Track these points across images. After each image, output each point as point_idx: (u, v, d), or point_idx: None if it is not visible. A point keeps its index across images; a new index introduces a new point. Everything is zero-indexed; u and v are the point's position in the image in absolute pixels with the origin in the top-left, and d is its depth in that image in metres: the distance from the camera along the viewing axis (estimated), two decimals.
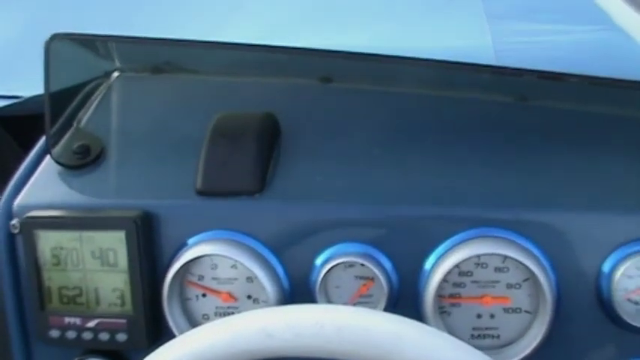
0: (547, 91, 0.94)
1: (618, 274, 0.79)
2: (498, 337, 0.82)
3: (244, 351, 0.58)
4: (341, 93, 0.97)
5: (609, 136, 0.87)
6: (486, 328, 0.81)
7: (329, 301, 0.82)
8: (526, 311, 0.81)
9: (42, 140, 0.94)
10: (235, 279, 0.83)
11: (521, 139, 0.87)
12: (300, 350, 0.58)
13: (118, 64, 1.03)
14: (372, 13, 1.54)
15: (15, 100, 1.19)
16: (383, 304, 0.80)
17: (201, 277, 0.83)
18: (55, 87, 0.91)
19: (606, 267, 0.79)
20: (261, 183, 0.83)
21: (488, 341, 0.81)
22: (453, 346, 0.59)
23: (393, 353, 0.56)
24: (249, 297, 0.83)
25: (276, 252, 0.82)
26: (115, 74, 1.02)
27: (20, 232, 0.85)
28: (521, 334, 0.81)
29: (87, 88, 1.00)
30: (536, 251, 0.79)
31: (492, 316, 0.81)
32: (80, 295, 0.85)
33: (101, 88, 1.00)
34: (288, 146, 0.88)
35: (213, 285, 0.83)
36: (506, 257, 0.79)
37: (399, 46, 0.90)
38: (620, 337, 0.80)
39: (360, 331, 0.58)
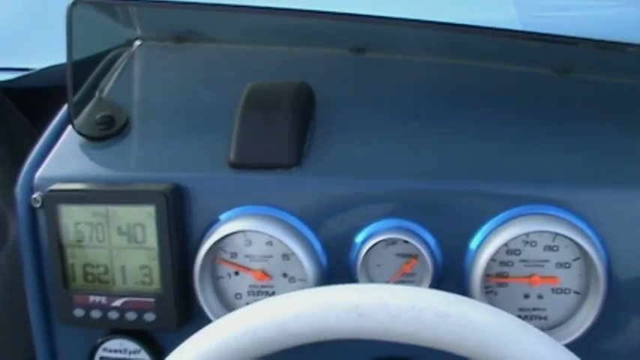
0: (589, 64, 0.90)
1: None
2: (546, 318, 0.78)
3: (333, 328, 0.54)
4: (374, 64, 0.93)
5: None
6: (534, 309, 0.78)
7: (370, 280, 0.79)
8: (575, 292, 0.77)
9: (62, 111, 0.90)
10: (270, 256, 0.79)
11: (568, 114, 0.84)
12: (393, 334, 0.54)
13: (139, 32, 0.98)
14: None
15: (24, 73, 1.14)
16: (427, 282, 0.77)
17: (234, 255, 0.80)
18: (76, 55, 0.87)
19: None
20: (298, 156, 0.79)
21: (535, 322, 0.78)
22: (553, 348, 0.55)
23: (495, 349, 0.53)
24: (284, 275, 0.79)
25: (314, 228, 0.78)
26: (137, 43, 0.98)
27: (42, 206, 0.81)
28: (570, 316, 0.78)
29: (108, 57, 0.95)
30: (587, 229, 0.76)
31: (540, 296, 0.78)
32: (106, 272, 0.81)
33: (123, 57, 0.96)
34: (324, 118, 0.84)
35: (247, 262, 0.80)
36: (556, 235, 0.75)
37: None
38: None
39: (462, 321, 0.54)
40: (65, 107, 0.88)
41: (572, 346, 0.68)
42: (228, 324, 0.58)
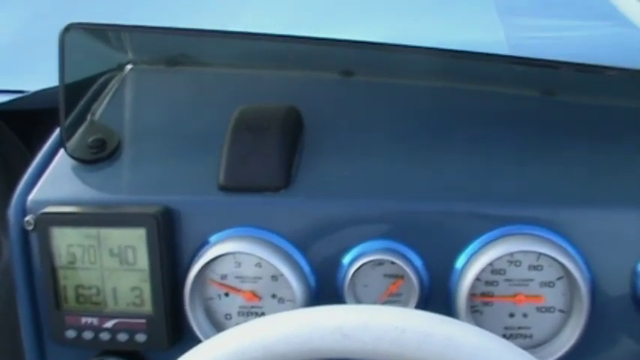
0: (574, 86, 0.92)
1: None
2: (531, 336, 0.79)
3: (318, 349, 0.55)
4: (363, 87, 0.94)
5: None
6: (519, 328, 0.79)
7: (357, 300, 0.80)
8: (560, 310, 0.78)
9: (55, 134, 0.91)
10: (259, 277, 0.80)
11: (553, 134, 0.85)
12: (377, 354, 0.55)
13: (131, 56, 1.00)
14: (381, 9, 1.51)
15: (18, 95, 1.15)
16: (414, 302, 0.78)
17: (224, 276, 0.81)
18: (68, 79, 0.88)
19: None
20: (286, 179, 0.81)
21: (520, 341, 0.79)
22: None
23: None
24: (273, 296, 0.81)
25: (302, 249, 0.79)
26: (129, 67, 0.99)
27: (34, 228, 0.82)
28: (555, 334, 0.79)
29: (100, 81, 0.97)
30: (570, 249, 0.77)
31: (525, 315, 0.79)
32: (97, 294, 0.82)
33: (114, 80, 0.97)
34: (312, 141, 0.86)
35: (237, 284, 0.81)
36: (540, 255, 0.76)
37: (412, 41, 0.87)
38: None
39: (443, 341, 0.55)
40: (58, 130, 0.89)
41: None
42: (217, 345, 0.59)
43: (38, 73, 1.10)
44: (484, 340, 0.56)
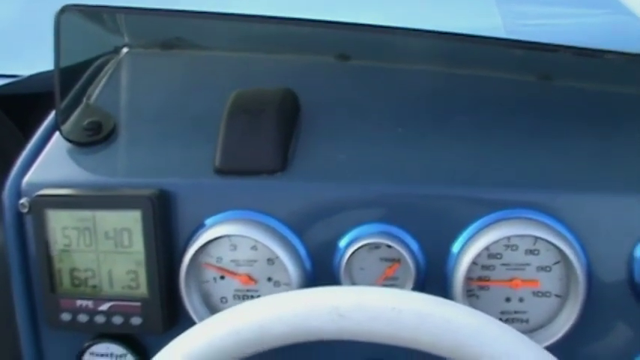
0: (571, 71, 0.91)
1: None
2: (527, 321, 0.79)
3: (314, 329, 0.55)
4: (359, 71, 0.94)
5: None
6: (515, 312, 0.79)
7: (354, 284, 0.79)
8: (556, 295, 0.78)
9: (50, 117, 0.91)
10: (255, 260, 0.80)
11: (550, 119, 0.85)
12: (373, 335, 0.55)
13: (127, 39, 0.99)
14: None
15: (12, 79, 1.15)
16: (410, 286, 0.78)
17: (219, 259, 0.80)
18: (64, 62, 0.87)
19: (638, 251, 0.77)
20: (282, 161, 0.80)
21: (516, 325, 0.79)
22: (530, 347, 0.56)
23: (472, 348, 0.54)
24: (269, 279, 0.80)
25: (298, 233, 0.79)
26: (125, 50, 0.99)
27: (29, 211, 0.82)
28: (551, 319, 0.79)
29: (96, 64, 0.96)
30: (567, 233, 0.77)
31: (521, 299, 0.79)
32: (93, 277, 0.82)
33: (110, 64, 0.97)
34: (308, 124, 0.85)
35: (232, 267, 0.80)
36: (537, 239, 0.76)
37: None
38: None
39: (440, 322, 0.55)
40: (53, 113, 0.89)
41: (553, 349, 0.69)
42: (213, 325, 0.59)
43: (34, 57, 1.09)
44: (480, 321, 0.56)
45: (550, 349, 0.64)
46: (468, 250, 0.76)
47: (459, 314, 0.56)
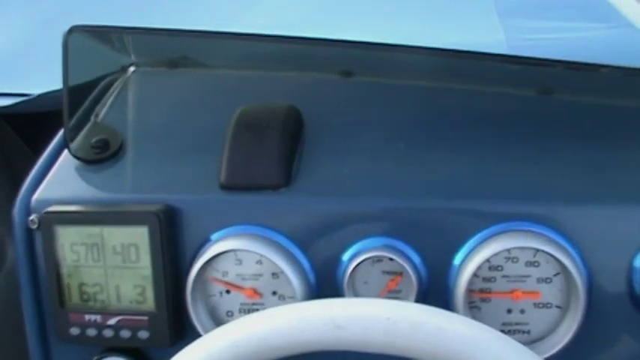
0: (570, 85, 0.92)
1: None
2: (529, 332, 0.80)
3: (311, 340, 0.56)
4: (362, 87, 0.95)
5: (638, 129, 0.86)
6: (516, 324, 0.80)
7: (357, 296, 0.81)
8: (557, 306, 0.79)
9: (59, 135, 0.93)
10: (260, 275, 0.81)
11: (548, 133, 0.86)
12: (369, 345, 0.56)
13: (134, 58, 1.01)
14: (381, 12, 1.52)
15: (22, 98, 1.17)
16: (412, 298, 0.79)
17: (225, 274, 0.82)
18: (72, 81, 0.89)
19: (638, 262, 0.78)
20: (286, 177, 0.82)
21: (518, 337, 0.80)
22: (522, 354, 0.57)
23: (465, 355, 0.55)
24: (274, 293, 0.82)
25: (302, 247, 0.80)
26: (132, 69, 1.00)
27: (39, 227, 0.83)
28: (552, 330, 0.80)
29: (103, 83, 0.98)
30: (567, 245, 0.78)
31: (522, 311, 0.80)
32: (101, 292, 0.83)
33: (118, 82, 0.99)
34: (312, 140, 0.87)
35: (238, 281, 0.82)
36: (537, 251, 0.77)
37: (411, 43, 0.89)
38: None
39: (433, 331, 0.56)
40: (62, 132, 0.90)
41: None
42: (213, 339, 0.61)
43: (43, 77, 1.11)
44: (474, 330, 0.57)
45: (551, 359, 0.65)
46: (469, 263, 0.78)
47: (452, 322, 0.57)
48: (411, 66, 0.96)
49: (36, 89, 1.13)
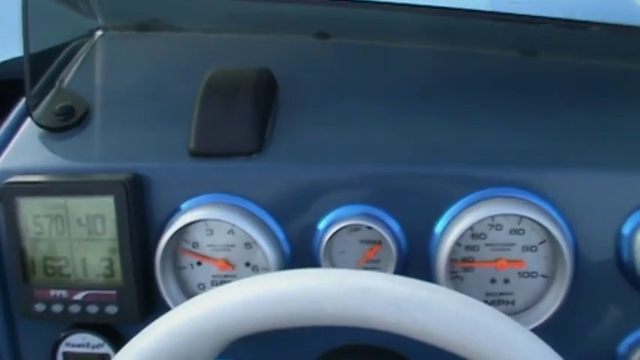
0: (556, 46, 0.89)
1: (639, 236, 0.73)
2: (513, 302, 0.77)
3: (370, 317, 0.52)
4: (339, 49, 0.92)
5: (628, 92, 0.82)
6: (501, 294, 0.77)
7: (333, 266, 0.77)
8: (542, 275, 0.76)
9: (21, 103, 0.88)
10: (232, 245, 0.78)
11: (535, 96, 0.83)
12: (428, 336, 0.52)
13: (101, 22, 0.96)
14: None
15: None
16: (391, 269, 0.76)
17: (195, 245, 0.78)
18: (35, 47, 0.85)
19: (626, 229, 0.75)
20: (258, 143, 0.78)
21: (502, 307, 0.77)
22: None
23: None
24: (247, 264, 0.78)
25: (276, 216, 0.77)
26: (99, 33, 0.96)
27: (0, 199, 0.79)
28: (538, 300, 0.77)
29: (69, 48, 0.94)
30: (553, 212, 0.74)
31: (507, 280, 0.77)
32: (66, 265, 0.80)
33: (84, 47, 0.95)
34: (286, 105, 0.83)
35: (209, 252, 0.78)
36: (522, 218, 0.74)
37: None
38: None
39: (499, 338, 0.52)
40: (24, 99, 0.86)
41: (539, 331, 0.68)
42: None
43: (6, 43, 1.07)
44: (542, 349, 0.53)
45: (537, 330, 0.62)
46: (451, 231, 0.74)
47: (519, 335, 0.53)
48: (389, 27, 0.92)
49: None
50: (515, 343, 0.52)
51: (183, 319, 0.55)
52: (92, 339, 0.82)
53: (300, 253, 0.77)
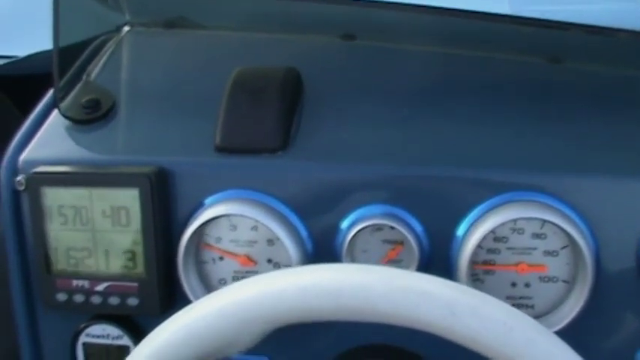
0: (581, 53, 0.89)
1: None
2: (533, 307, 0.77)
3: (422, 317, 0.53)
4: (365, 51, 0.92)
5: None
6: (521, 298, 0.77)
7: None
8: (563, 280, 0.76)
9: (49, 95, 0.89)
10: (255, 241, 0.78)
11: (559, 102, 0.83)
12: (478, 344, 0.53)
13: (129, 17, 0.97)
14: None
15: (11, 60, 1.13)
16: (413, 269, 0.76)
17: (218, 240, 0.79)
18: (64, 41, 0.86)
19: None
20: (284, 140, 0.78)
21: (522, 311, 0.76)
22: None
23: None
24: (269, 261, 0.79)
25: (300, 213, 0.77)
26: (126, 28, 0.97)
27: (26, 189, 0.80)
28: (558, 305, 0.77)
29: (96, 42, 0.95)
30: (575, 217, 0.75)
31: (527, 284, 0.76)
32: (89, 256, 0.80)
33: (111, 42, 0.95)
34: (312, 104, 0.83)
35: (231, 247, 0.78)
36: (544, 222, 0.74)
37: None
38: None
39: (543, 354, 0.52)
40: (51, 91, 0.87)
41: (559, 335, 0.67)
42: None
43: (33, 38, 1.08)
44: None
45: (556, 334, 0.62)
46: (473, 233, 0.74)
47: (563, 351, 0.54)
48: (415, 30, 0.92)
49: (26, 50, 1.10)
50: None
51: (229, 302, 0.55)
52: (112, 330, 0.83)
53: (322, 251, 0.78)
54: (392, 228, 0.75)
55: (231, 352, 0.57)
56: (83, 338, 0.83)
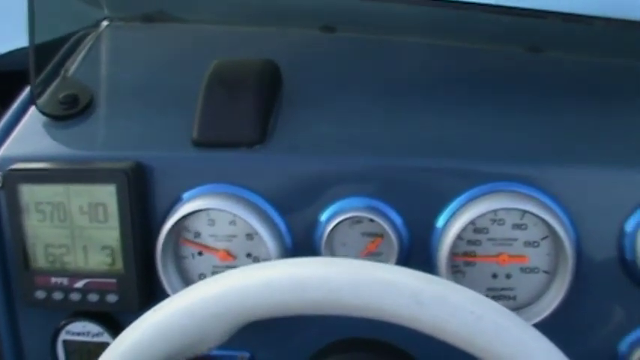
0: (560, 42, 0.88)
1: None
2: (514, 298, 0.77)
3: (389, 312, 0.52)
4: (344, 43, 0.91)
5: (631, 89, 0.82)
6: (502, 289, 0.76)
7: None
8: (544, 271, 0.76)
9: (26, 91, 0.88)
10: (234, 236, 0.77)
11: (538, 91, 0.82)
12: (446, 333, 0.52)
13: (107, 12, 0.96)
14: None
15: None
16: (393, 262, 0.75)
17: (197, 234, 0.78)
18: (41, 37, 0.85)
19: (629, 226, 0.74)
20: (261, 133, 0.78)
21: (503, 303, 0.76)
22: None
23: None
24: (248, 255, 0.78)
25: (278, 207, 0.77)
26: (105, 23, 0.96)
27: (2, 186, 0.79)
28: (539, 296, 0.76)
29: (74, 38, 0.94)
30: (556, 208, 0.74)
31: (509, 276, 0.76)
32: (67, 253, 0.80)
33: (89, 37, 0.95)
34: (290, 96, 0.83)
35: (210, 242, 0.78)
36: (525, 213, 0.74)
37: None
38: None
39: (514, 341, 0.52)
40: (29, 87, 0.86)
41: (540, 326, 0.67)
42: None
43: (10, 34, 1.07)
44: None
45: (537, 326, 0.61)
46: (453, 225, 0.74)
47: (534, 339, 0.53)
48: (395, 21, 0.92)
49: (6, 47, 1.09)
50: (534, 354, 0.52)
51: (197, 299, 0.55)
52: (92, 327, 0.82)
53: (301, 245, 0.77)
54: (371, 220, 0.75)
55: (202, 348, 0.56)
56: (63, 336, 0.83)
